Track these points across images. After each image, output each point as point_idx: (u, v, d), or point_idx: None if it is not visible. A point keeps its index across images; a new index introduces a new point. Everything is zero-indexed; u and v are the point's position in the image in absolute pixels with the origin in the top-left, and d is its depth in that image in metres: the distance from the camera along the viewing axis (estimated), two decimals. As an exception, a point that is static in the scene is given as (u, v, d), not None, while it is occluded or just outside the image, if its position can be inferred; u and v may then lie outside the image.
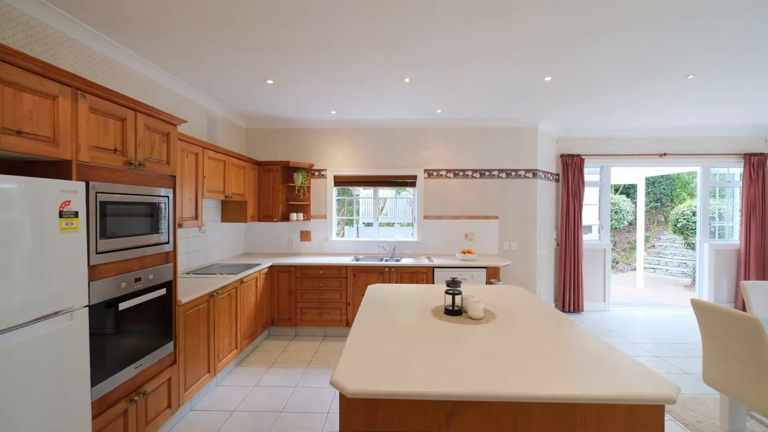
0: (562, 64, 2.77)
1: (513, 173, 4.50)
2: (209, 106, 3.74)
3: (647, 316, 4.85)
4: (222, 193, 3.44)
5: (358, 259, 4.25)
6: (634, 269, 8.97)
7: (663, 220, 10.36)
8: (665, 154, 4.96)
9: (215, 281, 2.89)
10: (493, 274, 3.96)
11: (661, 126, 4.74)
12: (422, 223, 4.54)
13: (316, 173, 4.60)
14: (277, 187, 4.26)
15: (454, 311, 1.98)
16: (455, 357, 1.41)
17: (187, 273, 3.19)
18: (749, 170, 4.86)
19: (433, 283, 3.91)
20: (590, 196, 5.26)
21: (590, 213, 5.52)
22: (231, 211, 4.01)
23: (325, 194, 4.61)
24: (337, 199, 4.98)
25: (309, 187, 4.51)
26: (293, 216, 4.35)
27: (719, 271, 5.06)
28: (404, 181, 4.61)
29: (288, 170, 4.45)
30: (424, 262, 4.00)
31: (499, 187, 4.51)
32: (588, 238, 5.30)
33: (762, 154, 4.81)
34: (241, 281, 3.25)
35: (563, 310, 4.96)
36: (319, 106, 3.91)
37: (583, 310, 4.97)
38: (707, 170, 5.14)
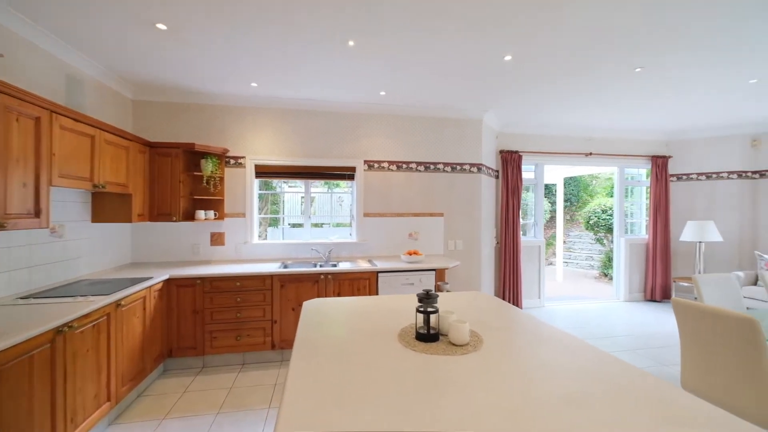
0: (526, 41, 2.47)
1: (458, 167, 4.21)
2: (71, 61, 2.67)
3: (578, 309, 5.00)
4: (88, 181, 2.44)
5: (286, 266, 3.52)
6: (552, 264, 9.65)
7: (570, 218, 11.44)
8: (591, 154, 5.19)
9: (71, 308, 1.95)
10: (440, 277, 3.59)
11: (588, 126, 4.92)
12: (362, 221, 3.98)
13: (232, 161, 3.73)
14: (178, 177, 3.30)
15: (429, 336, 1.46)
16: (447, 422, 0.88)
17: (25, 297, 2.14)
18: (655, 171, 5.34)
19: (377, 289, 3.38)
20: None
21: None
22: (107, 207, 2.96)
23: (243, 187, 3.76)
24: (260, 194, 4.16)
25: (222, 179, 3.62)
26: (201, 214, 3.43)
27: (633, 264, 5.47)
28: (341, 174, 4.00)
29: (193, 156, 3.51)
30: (366, 266, 3.44)
31: (445, 182, 4.18)
32: (523, 236, 5.32)
33: (665, 157, 5.32)
34: (118, 304, 2.31)
35: (504, 309, 4.85)
36: (235, 74, 3.09)
37: (522, 308, 4.93)
38: (623, 170, 5.53)
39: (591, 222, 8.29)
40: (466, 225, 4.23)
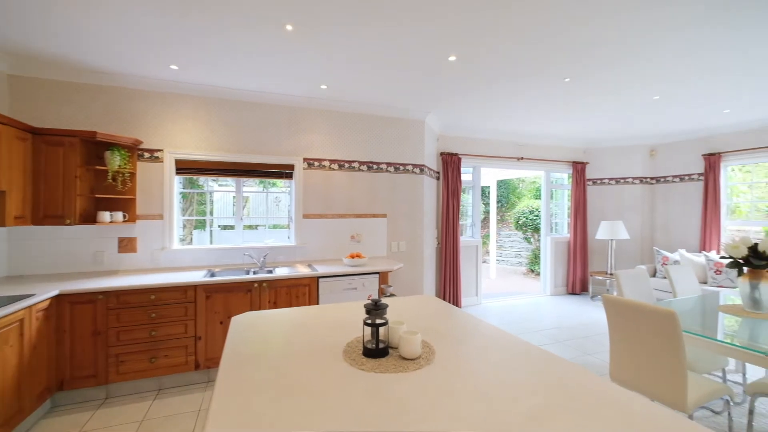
0: (471, 42, 2.47)
1: (401, 168, 4.15)
2: None
3: (507, 305, 5.27)
4: (-65, 173, 1.87)
5: (213, 274, 3.13)
6: (486, 262, 10.19)
7: (501, 219, 12.23)
8: (522, 158, 5.52)
9: None
10: (384, 280, 3.49)
11: (520, 132, 5.22)
12: (301, 223, 3.72)
13: (147, 154, 3.22)
14: (74, 172, 2.75)
15: (378, 351, 1.32)
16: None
17: None
18: (575, 176, 5.86)
19: (318, 296, 3.16)
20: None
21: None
22: (-31, 206, 2.33)
23: (161, 185, 3.27)
24: (182, 193, 3.67)
25: (133, 174, 3.11)
26: (105, 216, 2.90)
27: (557, 260, 5.94)
28: (278, 172, 3.69)
29: (96, 147, 2.96)
30: (305, 271, 3.21)
31: (388, 182, 4.09)
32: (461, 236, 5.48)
33: (583, 163, 5.86)
34: (-20, 332, 1.80)
35: (445, 308, 4.93)
36: (150, 52, 2.65)
37: (461, 306, 5.05)
38: (549, 174, 5.99)
39: (520, 222, 8.91)
40: (409, 226, 4.20)
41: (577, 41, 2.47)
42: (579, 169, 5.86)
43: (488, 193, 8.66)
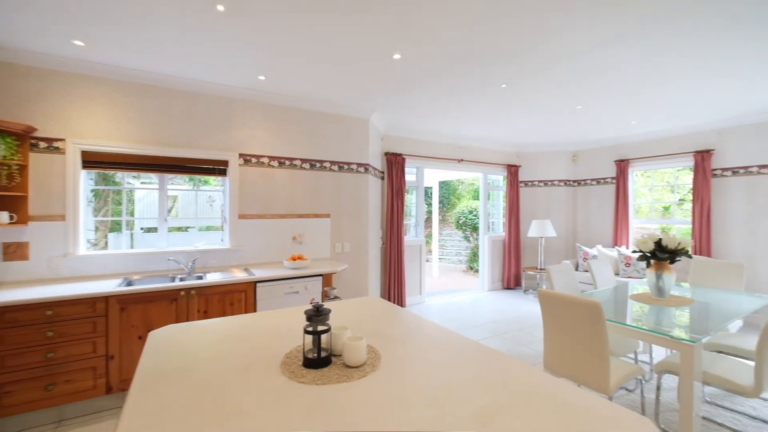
0: (415, 41, 2.46)
1: (346, 167, 4.05)
2: None
3: (449, 302, 5.45)
4: None
5: (130, 283, 2.75)
6: (428, 261, 10.46)
7: (443, 218, 12.69)
8: (462, 160, 5.74)
9: None
10: (327, 282, 3.37)
11: (461, 135, 5.42)
12: (237, 224, 3.44)
13: (43, 144, 2.73)
14: (-62, 162, 2.22)
15: (320, 360, 1.22)
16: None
17: None
18: (510, 178, 6.25)
19: (255, 303, 2.94)
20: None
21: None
22: None
23: (63, 180, 2.80)
24: (93, 191, 3.18)
25: (25, 167, 2.62)
26: (-16, 216, 2.39)
27: (494, 258, 6.28)
28: (211, 168, 3.37)
29: (-30, 132, 2.43)
30: (241, 275, 2.96)
31: (332, 181, 3.97)
32: (406, 236, 5.54)
33: (516, 166, 6.28)
34: None
35: (389, 308, 4.93)
36: (47, 21, 2.23)
37: (405, 305, 5.09)
38: (486, 176, 6.31)
39: (460, 222, 9.30)
40: (354, 226, 4.12)
41: (514, 49, 2.59)
42: (513, 171, 6.25)
43: (431, 193, 8.91)
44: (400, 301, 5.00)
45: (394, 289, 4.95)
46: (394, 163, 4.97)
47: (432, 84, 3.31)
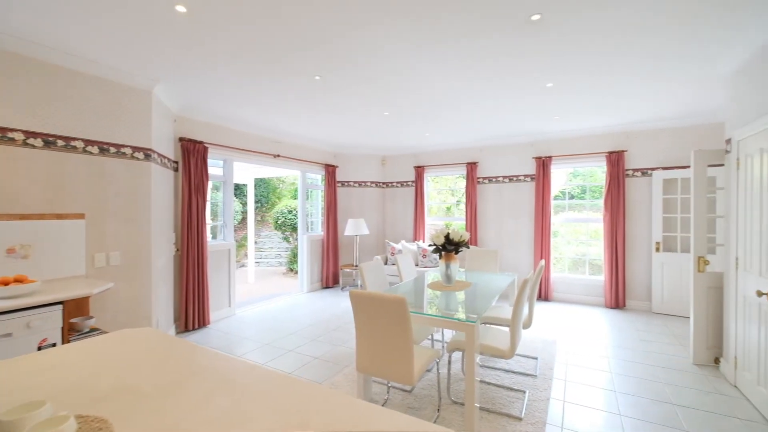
0: (204, -8, 1.94)
1: (113, 149, 2.99)
2: None
3: (265, 310, 4.98)
4: None
5: None
6: (244, 265, 9.49)
7: (261, 219, 11.86)
8: (279, 156, 5.34)
9: None
10: (78, 310, 2.37)
11: (277, 128, 5.01)
12: None
13: None
14: None
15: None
16: None
17: None
18: (328, 177, 6.28)
19: None
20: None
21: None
22: None
23: None
24: None
25: None
26: None
27: (313, 258, 6.18)
28: None
29: None
30: None
31: (87, 168, 2.84)
32: (209, 239, 4.70)
33: (333, 166, 6.37)
34: None
35: (186, 329, 4.04)
36: None
37: (209, 323, 4.30)
38: (305, 174, 6.12)
39: (279, 222, 8.83)
40: (129, 230, 3.10)
41: (321, 39, 2.44)
42: (330, 171, 6.31)
43: (246, 191, 8.06)
44: (202, 319, 4.17)
45: (194, 304, 4.08)
46: (193, 152, 4.09)
47: (239, 64, 2.81)
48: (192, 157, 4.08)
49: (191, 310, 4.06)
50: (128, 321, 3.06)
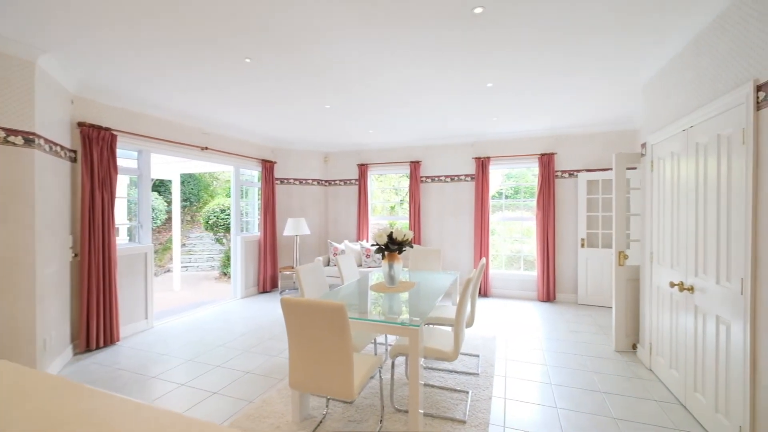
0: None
1: (-24, 130, 2.38)
2: None
3: (192, 320, 4.45)
4: None
5: None
6: (169, 271, 8.55)
7: (190, 219, 10.82)
8: (207, 148, 4.81)
9: None
10: None
11: (205, 118, 4.50)
12: None
13: None
14: None
15: None
16: None
17: None
18: (265, 174, 5.84)
19: None
20: (121, 188, 4.07)
21: (120, 209, 4.27)
22: None
23: None
24: None
25: None
26: None
27: (248, 260, 5.70)
28: None
29: None
30: None
31: (-64, 151, 2.21)
32: (119, 241, 4.07)
33: (271, 162, 5.94)
34: None
35: (88, 349, 3.42)
36: None
37: (119, 340, 3.70)
38: (238, 170, 5.62)
39: (210, 222, 8.08)
40: (1, 233, 2.49)
41: (253, 12, 2.15)
42: (268, 167, 5.88)
43: (170, 187, 7.23)
44: (109, 336, 3.56)
45: (97, 319, 3.47)
46: (97, 140, 3.48)
47: (149, 32, 2.38)
48: (96, 146, 3.46)
49: (94, 326, 3.44)
50: (1, 345, 2.46)
